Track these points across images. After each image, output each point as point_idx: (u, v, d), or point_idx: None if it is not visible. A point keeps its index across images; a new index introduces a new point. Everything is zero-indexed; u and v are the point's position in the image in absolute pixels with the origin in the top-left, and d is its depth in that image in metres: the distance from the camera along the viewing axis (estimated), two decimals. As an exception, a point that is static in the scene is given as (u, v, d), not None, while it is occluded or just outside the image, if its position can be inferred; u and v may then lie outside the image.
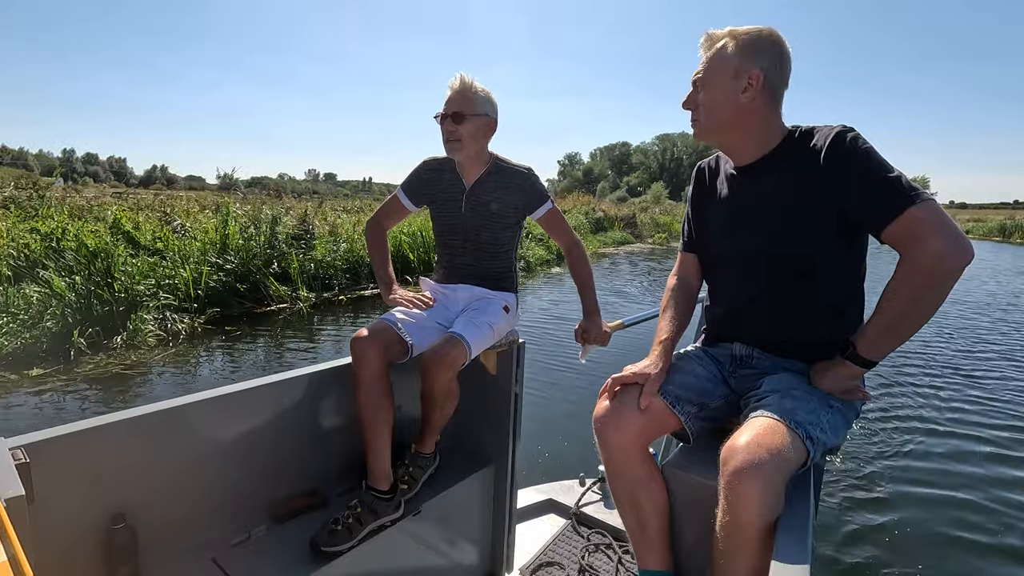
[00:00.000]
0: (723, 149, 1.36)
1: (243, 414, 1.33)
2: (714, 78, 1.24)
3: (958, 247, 1.01)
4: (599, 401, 1.30)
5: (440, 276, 1.77)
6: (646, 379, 1.26)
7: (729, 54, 1.22)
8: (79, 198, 11.85)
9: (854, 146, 1.11)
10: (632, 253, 17.14)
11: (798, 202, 1.19)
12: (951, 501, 3.03)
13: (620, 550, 1.86)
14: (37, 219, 7.41)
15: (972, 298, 10.14)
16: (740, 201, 1.32)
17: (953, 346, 6.42)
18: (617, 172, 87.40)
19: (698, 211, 1.48)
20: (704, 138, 1.30)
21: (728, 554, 0.99)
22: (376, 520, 1.37)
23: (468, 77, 1.60)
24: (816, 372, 1.21)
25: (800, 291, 1.25)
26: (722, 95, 1.23)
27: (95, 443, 1.08)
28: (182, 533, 1.24)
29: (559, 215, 1.74)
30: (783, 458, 0.98)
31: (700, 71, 1.26)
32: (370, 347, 1.41)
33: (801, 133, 1.22)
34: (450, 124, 1.57)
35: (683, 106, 1.32)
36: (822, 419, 1.10)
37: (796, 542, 0.88)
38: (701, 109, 1.27)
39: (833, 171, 1.12)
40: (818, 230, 1.18)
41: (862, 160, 1.10)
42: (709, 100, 1.25)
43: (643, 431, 1.24)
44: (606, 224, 20.69)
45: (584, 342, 1.72)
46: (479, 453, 1.76)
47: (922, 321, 1.08)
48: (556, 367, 5.22)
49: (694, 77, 1.28)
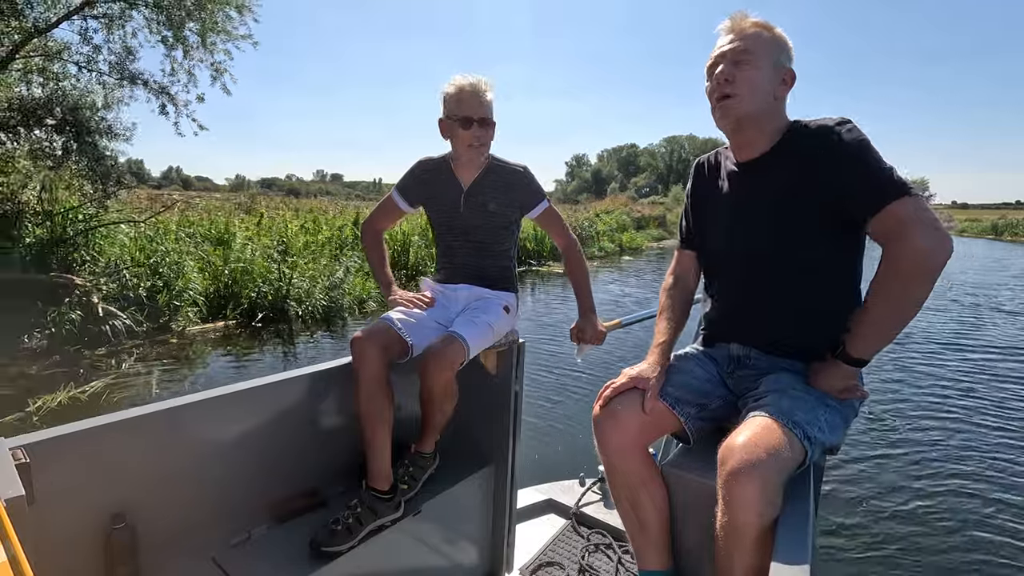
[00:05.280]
0: (737, 140, 1.30)
1: (243, 414, 1.33)
2: (759, 60, 1.19)
3: (937, 243, 1.01)
4: (598, 403, 1.29)
5: (440, 276, 1.77)
6: (646, 383, 1.25)
7: (769, 43, 1.19)
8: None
9: (849, 137, 1.12)
10: (664, 249, 20.96)
11: (801, 199, 1.18)
12: (952, 500, 3.03)
13: (620, 550, 1.86)
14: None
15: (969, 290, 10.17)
16: (743, 198, 1.30)
17: (953, 345, 6.43)
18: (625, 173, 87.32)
19: (698, 207, 1.47)
20: (734, 117, 1.22)
21: (728, 554, 0.99)
22: (376, 520, 1.37)
23: (481, 81, 1.58)
24: (812, 373, 1.21)
25: (801, 290, 1.25)
26: (766, 80, 1.20)
27: (95, 443, 1.08)
28: (182, 533, 1.24)
29: (555, 214, 1.74)
30: (781, 458, 0.98)
31: (741, 46, 1.19)
32: (370, 347, 1.41)
33: (801, 128, 1.22)
34: (477, 130, 1.57)
35: (720, 77, 1.21)
36: (820, 418, 1.10)
37: (796, 542, 0.88)
38: (744, 85, 1.19)
39: (830, 163, 1.13)
40: (820, 228, 1.18)
41: (856, 150, 1.11)
42: (754, 79, 1.19)
43: (643, 432, 1.24)
44: (643, 223, 25.26)
45: (579, 341, 1.73)
46: (479, 453, 1.76)
47: (907, 318, 1.08)
48: (557, 367, 5.23)
49: (732, 49, 1.19)
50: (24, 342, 5.09)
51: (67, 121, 6.42)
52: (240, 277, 7.07)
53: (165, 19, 6.81)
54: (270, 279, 7.17)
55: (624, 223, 22.11)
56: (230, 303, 6.86)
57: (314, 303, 7.28)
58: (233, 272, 7.06)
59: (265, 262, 7.51)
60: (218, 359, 5.62)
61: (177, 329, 6.13)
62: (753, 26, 1.21)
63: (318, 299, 7.34)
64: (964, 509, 2.94)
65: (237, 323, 6.72)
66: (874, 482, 3.21)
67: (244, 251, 7.63)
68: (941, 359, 5.85)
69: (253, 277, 7.13)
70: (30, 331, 5.18)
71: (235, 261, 7.22)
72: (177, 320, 6.19)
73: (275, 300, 6.98)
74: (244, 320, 6.78)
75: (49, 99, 6.45)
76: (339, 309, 7.51)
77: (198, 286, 6.61)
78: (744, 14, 1.22)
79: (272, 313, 6.91)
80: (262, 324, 6.73)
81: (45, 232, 6.10)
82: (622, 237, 19.87)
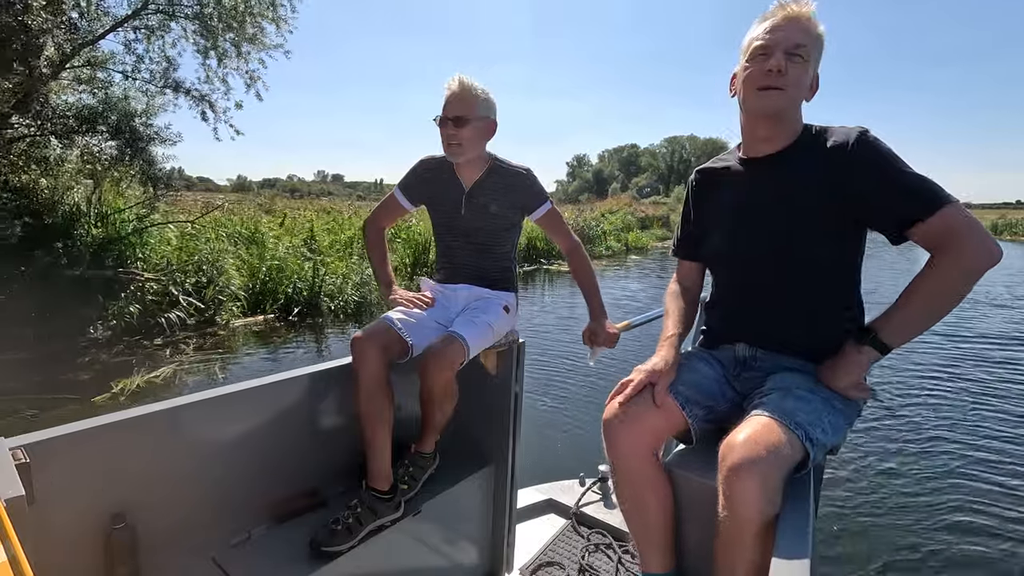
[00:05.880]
0: (764, 132, 1.25)
1: (243, 414, 1.33)
2: (809, 57, 1.16)
3: (994, 247, 1.07)
4: (609, 403, 1.27)
5: (440, 276, 1.77)
6: (658, 376, 1.24)
7: (819, 42, 1.17)
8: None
9: (878, 147, 1.13)
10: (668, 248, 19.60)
11: (820, 197, 1.18)
12: (952, 499, 3.03)
13: (620, 550, 1.86)
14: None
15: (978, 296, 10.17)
16: (756, 195, 1.28)
17: (953, 343, 6.42)
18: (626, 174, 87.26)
19: (701, 213, 1.45)
20: (776, 109, 1.19)
21: (728, 551, 1.00)
22: (376, 520, 1.37)
23: (467, 79, 1.57)
24: (827, 368, 1.20)
25: (811, 289, 1.25)
26: (808, 79, 1.18)
27: (95, 443, 1.08)
28: (182, 533, 1.24)
29: (558, 216, 1.73)
30: (781, 455, 0.99)
31: (799, 40, 1.14)
32: (370, 347, 1.41)
33: (818, 131, 1.22)
34: (451, 128, 1.55)
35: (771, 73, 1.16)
36: (823, 419, 1.10)
37: (797, 541, 0.88)
38: (792, 80, 1.16)
39: (859, 169, 1.13)
40: (835, 227, 1.19)
41: (890, 161, 1.12)
42: (802, 77, 1.17)
43: (654, 433, 1.23)
44: (647, 223, 25.35)
45: (592, 344, 1.70)
46: (479, 453, 1.76)
47: (944, 313, 1.11)
48: (557, 366, 5.23)
49: (788, 40, 1.14)
50: (91, 332, 5.64)
51: (120, 128, 6.86)
52: (276, 275, 7.53)
53: (202, 30, 7.24)
54: (304, 276, 7.61)
55: (629, 223, 22.31)
56: (268, 299, 7.32)
57: (346, 299, 7.71)
58: (270, 269, 7.53)
59: (297, 260, 7.95)
60: (261, 349, 6.05)
61: (222, 322, 6.57)
62: (810, 20, 1.16)
63: (350, 295, 7.77)
64: (965, 507, 2.94)
65: (276, 317, 7.17)
66: (875, 481, 3.21)
67: (277, 250, 8.10)
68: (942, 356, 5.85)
69: (288, 274, 7.57)
70: (94, 323, 5.72)
71: (271, 259, 7.69)
72: (221, 314, 6.63)
73: (309, 296, 7.42)
74: (281, 314, 7.22)
75: (105, 107, 6.89)
76: (368, 305, 7.91)
77: (237, 282, 7.08)
78: (802, 5, 1.16)
79: (307, 308, 7.34)
80: (298, 318, 7.15)
81: (101, 231, 6.58)
82: (628, 237, 20.04)
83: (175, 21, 7.26)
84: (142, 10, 6.96)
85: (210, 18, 7.17)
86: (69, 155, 6.98)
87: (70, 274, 5.77)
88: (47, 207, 6.41)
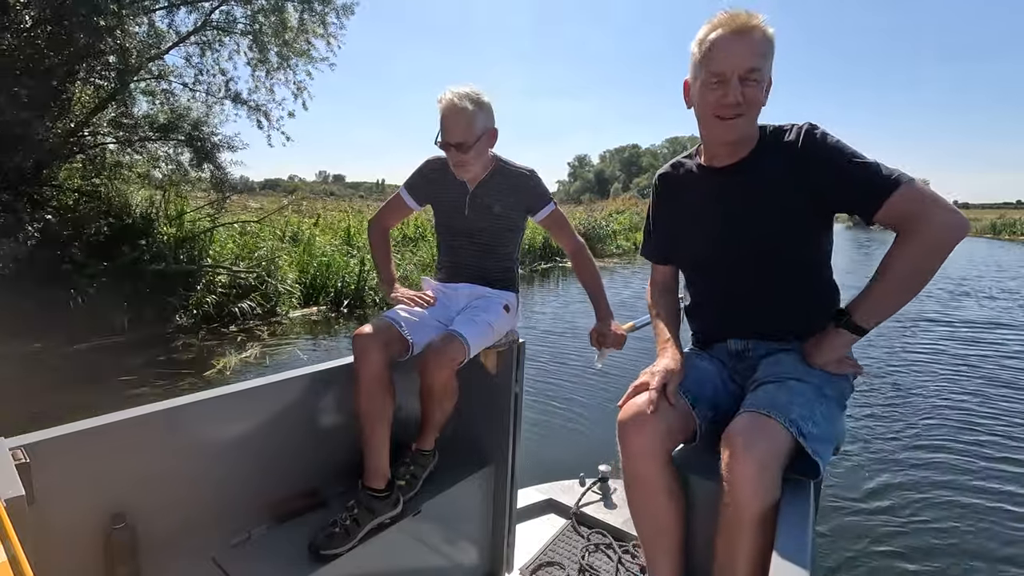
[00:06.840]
0: (726, 150, 1.27)
1: (243, 414, 1.33)
2: (764, 76, 1.15)
3: (960, 218, 1.07)
4: (624, 407, 1.25)
5: (442, 275, 1.77)
6: (670, 376, 1.24)
7: (770, 54, 1.16)
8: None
9: (827, 141, 1.17)
10: None
11: (785, 199, 1.21)
12: (952, 498, 3.03)
13: (620, 550, 1.86)
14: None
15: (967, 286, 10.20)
16: (728, 200, 1.29)
17: (953, 342, 6.42)
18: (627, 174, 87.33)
19: (670, 217, 1.45)
20: (739, 135, 1.20)
21: (729, 536, 1.02)
22: (374, 519, 1.37)
23: (459, 97, 1.49)
24: (809, 347, 1.23)
25: (794, 285, 1.29)
26: (763, 95, 1.18)
27: (95, 443, 1.08)
28: (182, 533, 1.24)
29: (562, 217, 1.73)
30: (776, 443, 1.02)
31: (752, 64, 1.12)
32: (371, 344, 1.41)
33: (772, 132, 1.24)
34: (455, 155, 1.55)
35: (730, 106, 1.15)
36: (815, 412, 1.11)
37: (797, 536, 0.89)
38: (752, 104, 1.16)
39: (814, 165, 1.17)
40: (804, 225, 1.23)
41: (838, 152, 1.15)
42: (759, 97, 1.16)
43: (669, 436, 1.22)
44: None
45: (600, 346, 1.70)
46: (479, 453, 1.76)
47: (915, 291, 1.12)
48: (557, 366, 5.23)
49: (743, 66, 1.12)
50: (177, 320, 6.43)
51: (192, 137, 7.49)
52: (325, 270, 8.25)
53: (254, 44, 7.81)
54: (350, 271, 8.29)
55: (636, 222, 22.39)
56: (319, 292, 8.08)
57: (388, 292, 8.41)
58: (320, 266, 8.29)
59: (343, 257, 8.69)
60: (320, 337, 6.75)
61: (282, 313, 7.32)
62: (762, 37, 1.13)
63: (391, 289, 8.47)
64: (965, 506, 2.94)
65: (328, 308, 7.93)
66: (875, 479, 3.21)
67: (323, 248, 8.92)
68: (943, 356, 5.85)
69: (336, 270, 8.27)
70: (178, 311, 6.50)
71: (320, 256, 8.51)
72: (280, 305, 7.37)
73: (357, 290, 8.14)
74: (332, 306, 7.97)
75: (179, 117, 7.58)
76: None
77: (292, 277, 7.83)
78: (751, 16, 1.13)
79: (354, 301, 8.06)
80: (347, 309, 7.87)
81: (175, 230, 7.33)
82: (636, 236, 20.02)
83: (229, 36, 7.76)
84: (203, 28, 7.48)
85: (263, 34, 7.72)
86: (139, 161, 7.67)
87: (155, 268, 6.46)
88: (123, 209, 7.12)
